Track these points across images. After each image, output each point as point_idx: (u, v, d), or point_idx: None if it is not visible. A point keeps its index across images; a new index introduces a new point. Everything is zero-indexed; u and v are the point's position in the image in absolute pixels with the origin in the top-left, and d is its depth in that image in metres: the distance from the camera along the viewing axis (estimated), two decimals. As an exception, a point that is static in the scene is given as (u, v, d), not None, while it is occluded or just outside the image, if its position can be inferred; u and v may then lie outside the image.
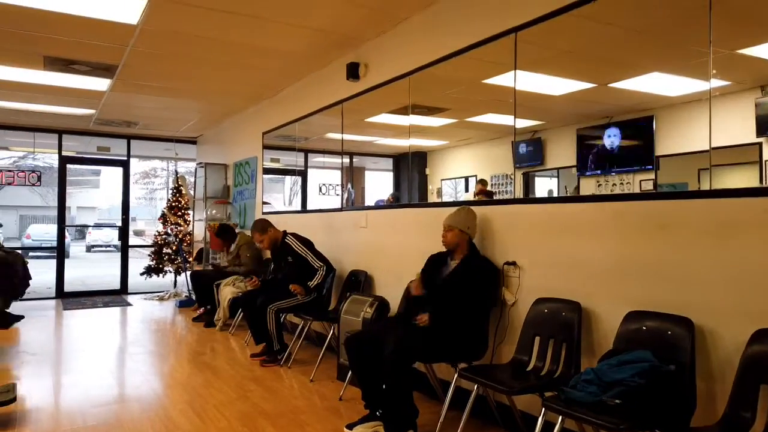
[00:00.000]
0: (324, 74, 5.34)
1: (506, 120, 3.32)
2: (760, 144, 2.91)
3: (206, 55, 4.95)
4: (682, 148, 3.27)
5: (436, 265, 3.37)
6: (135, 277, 9.00)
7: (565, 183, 4.51)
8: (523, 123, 3.65)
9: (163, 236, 8.75)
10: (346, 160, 5.69)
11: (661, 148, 3.35)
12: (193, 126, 8.59)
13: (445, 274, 3.26)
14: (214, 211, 8.16)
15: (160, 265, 8.68)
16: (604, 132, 3.75)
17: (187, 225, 8.91)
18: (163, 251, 8.69)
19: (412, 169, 4.79)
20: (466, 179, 5.68)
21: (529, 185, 4.70)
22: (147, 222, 28.47)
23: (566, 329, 2.72)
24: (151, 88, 6.15)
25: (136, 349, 5.27)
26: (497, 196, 4.88)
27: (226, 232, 6.57)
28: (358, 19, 4.10)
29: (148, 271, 8.68)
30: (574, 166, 4.08)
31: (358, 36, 4.45)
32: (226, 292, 5.93)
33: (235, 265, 6.40)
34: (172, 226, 8.77)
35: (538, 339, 2.86)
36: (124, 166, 9.24)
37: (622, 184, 3.60)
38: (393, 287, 4.07)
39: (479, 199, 4.87)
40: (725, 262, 2.20)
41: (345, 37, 4.48)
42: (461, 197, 5.66)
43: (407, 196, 5.14)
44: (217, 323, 6.07)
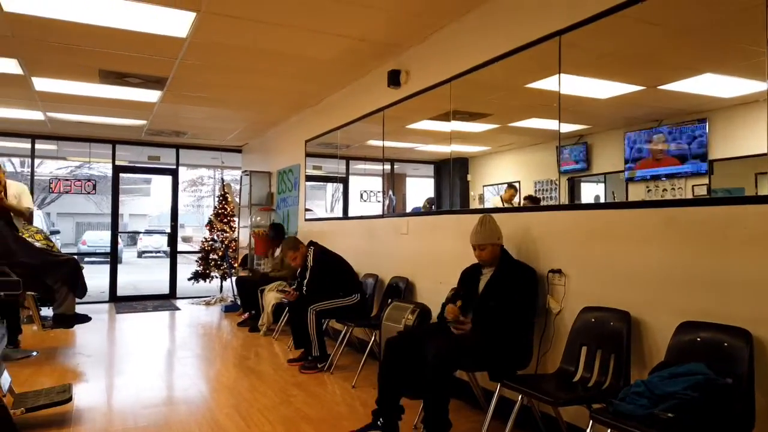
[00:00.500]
0: (365, 82, 5.38)
1: (550, 124, 3.26)
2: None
3: (251, 66, 5.08)
4: (738, 151, 3.12)
5: (470, 278, 3.33)
6: (183, 282, 9.27)
7: (613, 188, 4.38)
8: (568, 127, 3.57)
9: (210, 242, 8.98)
10: (387, 167, 5.70)
11: (715, 152, 3.20)
12: (239, 135, 8.81)
13: (482, 286, 3.22)
14: (259, 218, 8.32)
15: (207, 271, 8.91)
16: (654, 136, 3.63)
17: (233, 231, 9.12)
18: (210, 257, 8.91)
19: (453, 175, 4.75)
20: (509, 185, 5.60)
21: (574, 191, 4.59)
22: (194, 228, 29.12)
23: (615, 339, 2.64)
24: (199, 98, 6.35)
25: (184, 352, 5.42)
26: (542, 203, 4.78)
27: (278, 231, 6.81)
28: (399, 28, 4.13)
29: (196, 277, 8.92)
30: (622, 171, 3.96)
31: (399, 44, 4.48)
32: (270, 297, 6.04)
33: (277, 271, 6.51)
34: (219, 233, 8.98)
35: (585, 349, 2.78)
36: (173, 174, 9.55)
37: (673, 189, 3.47)
38: (434, 294, 4.04)
39: (518, 205, 4.79)
40: (786, 271, 2.09)
41: (386, 45, 4.51)
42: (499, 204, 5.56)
43: (449, 202, 5.11)
44: (261, 328, 6.18)
